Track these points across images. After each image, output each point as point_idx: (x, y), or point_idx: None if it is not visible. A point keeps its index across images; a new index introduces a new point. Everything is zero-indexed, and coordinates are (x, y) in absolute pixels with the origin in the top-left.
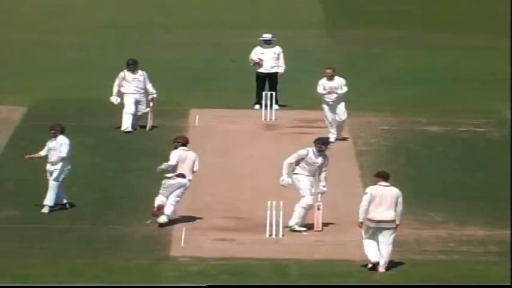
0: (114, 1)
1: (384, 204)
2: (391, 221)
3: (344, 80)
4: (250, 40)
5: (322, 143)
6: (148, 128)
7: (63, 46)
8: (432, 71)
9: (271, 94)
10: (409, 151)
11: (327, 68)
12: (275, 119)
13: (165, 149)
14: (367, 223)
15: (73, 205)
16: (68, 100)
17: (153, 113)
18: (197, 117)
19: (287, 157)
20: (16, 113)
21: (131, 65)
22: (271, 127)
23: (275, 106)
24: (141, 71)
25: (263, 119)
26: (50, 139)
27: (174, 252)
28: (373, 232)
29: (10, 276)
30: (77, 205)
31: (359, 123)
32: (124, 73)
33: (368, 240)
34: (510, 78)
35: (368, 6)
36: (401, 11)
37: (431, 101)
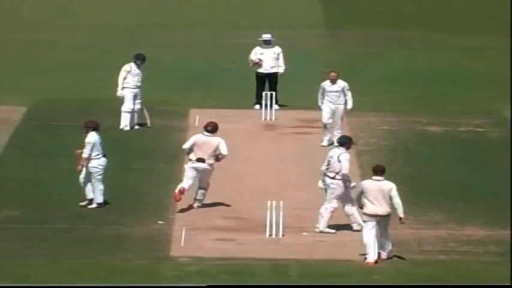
0: (114, 1)
1: (378, 198)
2: (386, 216)
3: (347, 84)
4: (250, 40)
5: (339, 143)
6: (149, 124)
7: (63, 46)
8: (432, 71)
9: (271, 94)
10: (409, 151)
11: (331, 71)
12: (275, 119)
13: (165, 149)
14: (363, 217)
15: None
16: (68, 100)
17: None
18: (197, 117)
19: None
20: (16, 113)
21: (141, 61)
22: (271, 127)
23: (275, 106)
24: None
25: (263, 119)
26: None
27: (174, 252)
28: (371, 226)
29: (10, 276)
30: (77, 205)
31: (359, 123)
32: (130, 66)
33: (367, 236)
34: (510, 78)
35: (368, 6)
36: (401, 11)
37: (431, 101)
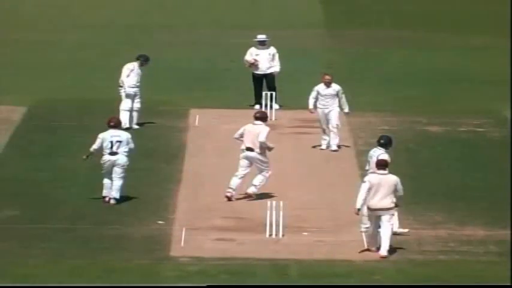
0: (114, 1)
1: (381, 192)
2: (388, 209)
3: (341, 88)
4: (250, 40)
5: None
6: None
7: (63, 46)
8: (432, 71)
9: (271, 94)
10: (409, 151)
11: (326, 74)
12: (275, 119)
13: (165, 149)
14: (364, 211)
15: (118, 201)
16: (68, 100)
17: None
18: (197, 117)
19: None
20: (16, 113)
21: (145, 61)
22: (271, 127)
23: (275, 106)
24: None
25: None
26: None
27: (174, 252)
28: (372, 219)
29: (10, 276)
30: (77, 205)
31: (359, 123)
32: (134, 65)
33: (369, 229)
34: (510, 78)
35: (368, 6)
36: (401, 11)
37: (431, 101)
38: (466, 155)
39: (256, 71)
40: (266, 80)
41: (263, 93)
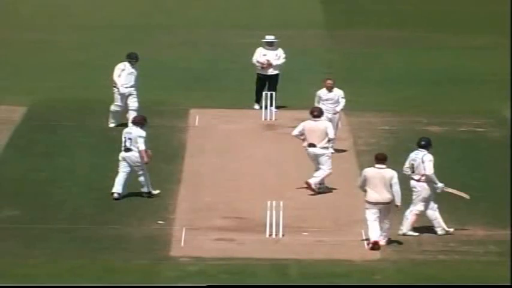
0: (114, 1)
1: (379, 186)
2: (387, 203)
3: (342, 92)
4: (250, 40)
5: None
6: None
7: (63, 46)
8: (432, 71)
9: (271, 94)
10: (409, 151)
11: (327, 79)
12: (275, 119)
13: (165, 149)
14: (365, 205)
15: (151, 195)
16: (68, 100)
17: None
18: (197, 117)
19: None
20: (16, 113)
21: (134, 59)
22: (271, 127)
23: (273, 109)
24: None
25: (263, 119)
26: None
27: (174, 252)
28: (372, 213)
29: (10, 276)
30: (77, 205)
31: (359, 123)
32: (124, 65)
33: (371, 222)
34: (510, 78)
35: (368, 6)
36: (401, 11)
37: (431, 101)
38: (466, 155)
39: (261, 72)
40: (269, 81)
41: (263, 93)
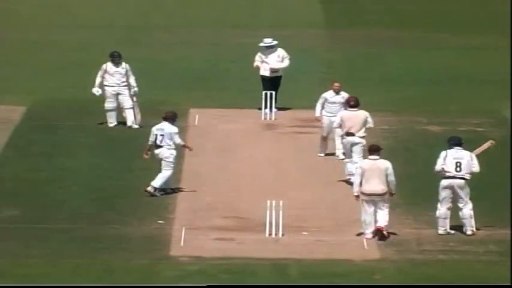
0: (114, 1)
1: (374, 177)
2: (382, 194)
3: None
4: (250, 40)
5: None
6: (138, 123)
7: (63, 46)
8: (432, 71)
9: (270, 94)
10: (409, 151)
11: (335, 82)
12: (275, 119)
13: None
14: (361, 196)
15: (167, 191)
16: (68, 100)
17: (140, 108)
18: (197, 117)
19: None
20: (16, 113)
21: (116, 58)
22: (271, 127)
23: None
24: (124, 64)
25: (263, 119)
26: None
27: (174, 252)
28: (368, 205)
29: (10, 276)
30: (77, 205)
31: None
32: (106, 65)
33: (365, 214)
34: (510, 78)
35: (368, 6)
36: (401, 11)
37: (431, 101)
38: None
39: (264, 73)
40: (271, 82)
41: (263, 92)
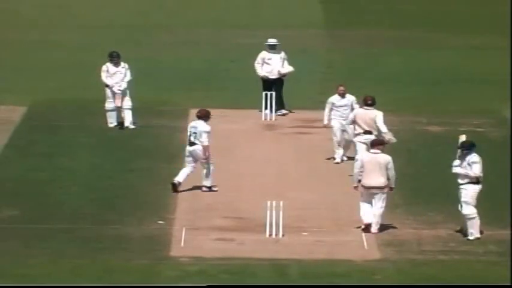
0: (114, 1)
1: (374, 171)
2: (382, 187)
3: (355, 98)
4: (250, 40)
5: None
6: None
7: (63, 46)
8: (432, 71)
9: (271, 94)
10: (410, 151)
11: (340, 85)
12: (275, 119)
13: (166, 149)
14: (360, 188)
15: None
16: (68, 100)
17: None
18: None
19: None
20: (16, 113)
21: (115, 58)
22: (271, 127)
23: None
24: (124, 63)
25: (263, 119)
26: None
27: (174, 252)
28: (367, 196)
29: (10, 276)
30: (77, 205)
31: None
32: (107, 66)
33: (363, 203)
34: (510, 78)
35: (368, 6)
36: (401, 11)
37: (431, 101)
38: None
39: (266, 75)
40: (274, 84)
41: (263, 93)
